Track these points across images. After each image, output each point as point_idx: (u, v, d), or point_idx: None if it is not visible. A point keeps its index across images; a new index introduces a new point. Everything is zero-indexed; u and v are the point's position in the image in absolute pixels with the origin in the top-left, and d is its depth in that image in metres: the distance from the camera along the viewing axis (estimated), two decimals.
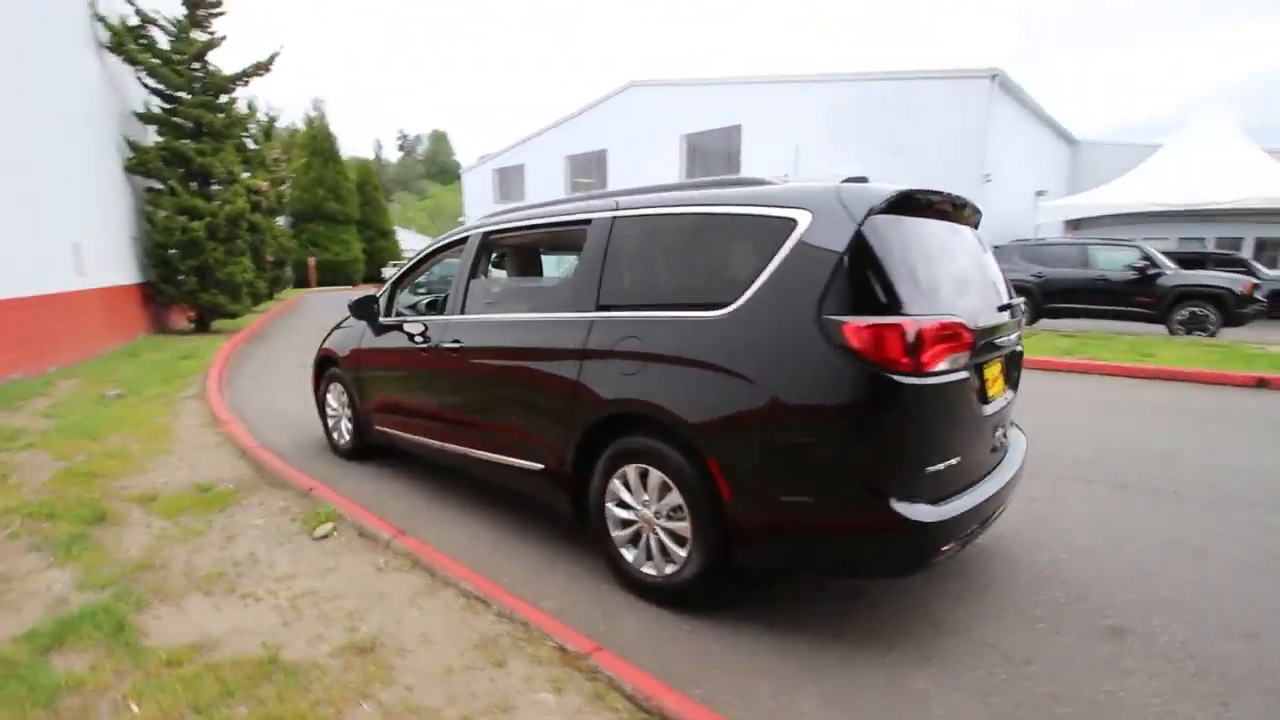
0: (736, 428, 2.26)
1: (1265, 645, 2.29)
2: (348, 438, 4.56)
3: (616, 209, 2.87)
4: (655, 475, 2.53)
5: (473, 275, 3.56)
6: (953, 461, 2.21)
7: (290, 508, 3.64)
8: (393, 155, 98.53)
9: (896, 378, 2.02)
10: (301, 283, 25.57)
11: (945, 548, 2.14)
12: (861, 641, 2.34)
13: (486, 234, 3.57)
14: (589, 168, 23.86)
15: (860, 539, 2.14)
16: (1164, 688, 2.07)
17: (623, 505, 2.68)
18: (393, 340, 4.00)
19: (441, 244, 3.91)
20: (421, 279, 4.29)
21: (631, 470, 2.61)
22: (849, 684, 2.10)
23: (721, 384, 2.30)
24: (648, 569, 2.62)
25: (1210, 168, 13.75)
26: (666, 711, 1.83)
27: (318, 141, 27.34)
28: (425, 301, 4.52)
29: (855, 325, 2.04)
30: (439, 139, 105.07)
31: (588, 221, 2.98)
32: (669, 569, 2.54)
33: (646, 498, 2.59)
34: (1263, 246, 20.00)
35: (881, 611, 2.54)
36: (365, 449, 4.50)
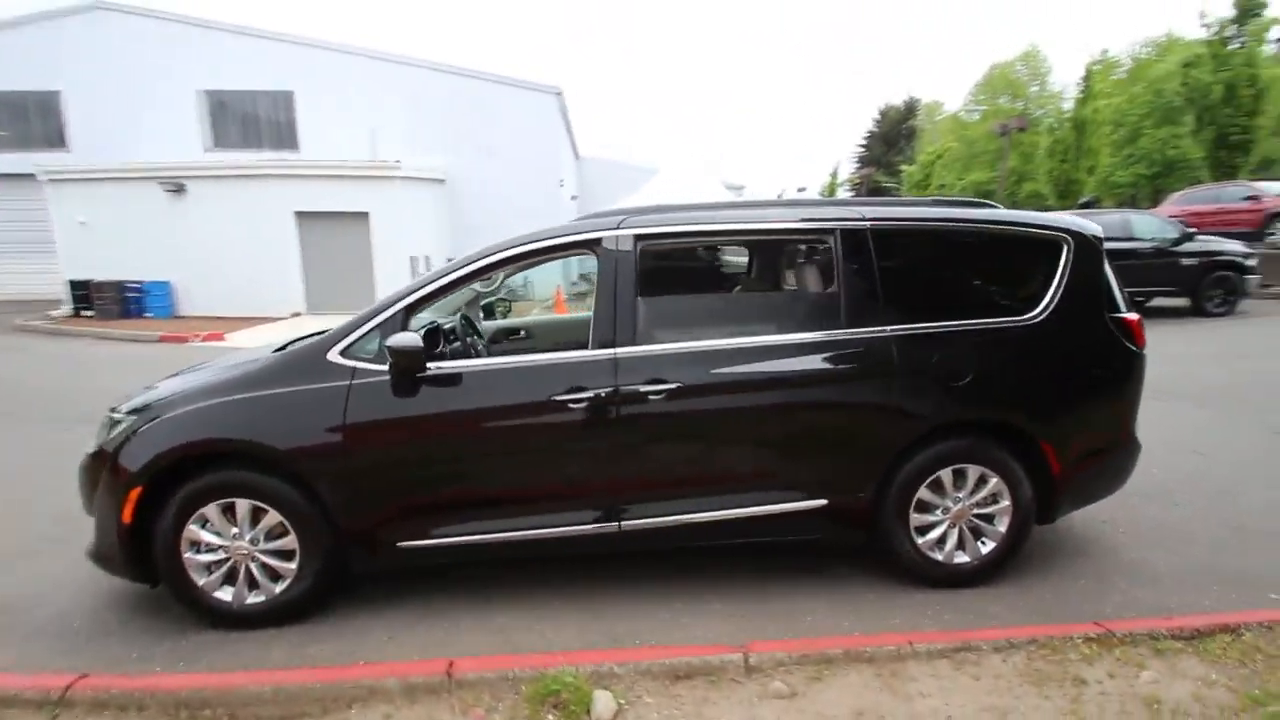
0: (1061, 410, 2.81)
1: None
2: (283, 586, 2.61)
3: (863, 219, 2.81)
4: (973, 471, 2.77)
5: (638, 294, 2.69)
6: None
7: (437, 717, 2.05)
8: None
9: (1140, 352, 2.95)
10: None
11: None
12: (1096, 552, 3.19)
13: (640, 237, 2.73)
14: (24, 113, 15.81)
15: (1116, 466, 3.00)
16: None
17: (925, 510, 2.79)
18: (455, 398, 2.59)
19: (521, 250, 2.72)
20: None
21: (946, 473, 2.77)
22: (1151, 572, 2.96)
23: (1045, 378, 2.82)
24: (961, 558, 2.83)
25: (690, 195, 19.44)
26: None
27: None
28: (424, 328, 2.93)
29: (1133, 320, 2.88)
30: None
31: (829, 232, 2.79)
32: (985, 549, 2.84)
33: (960, 495, 2.79)
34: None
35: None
36: (325, 592, 2.70)
